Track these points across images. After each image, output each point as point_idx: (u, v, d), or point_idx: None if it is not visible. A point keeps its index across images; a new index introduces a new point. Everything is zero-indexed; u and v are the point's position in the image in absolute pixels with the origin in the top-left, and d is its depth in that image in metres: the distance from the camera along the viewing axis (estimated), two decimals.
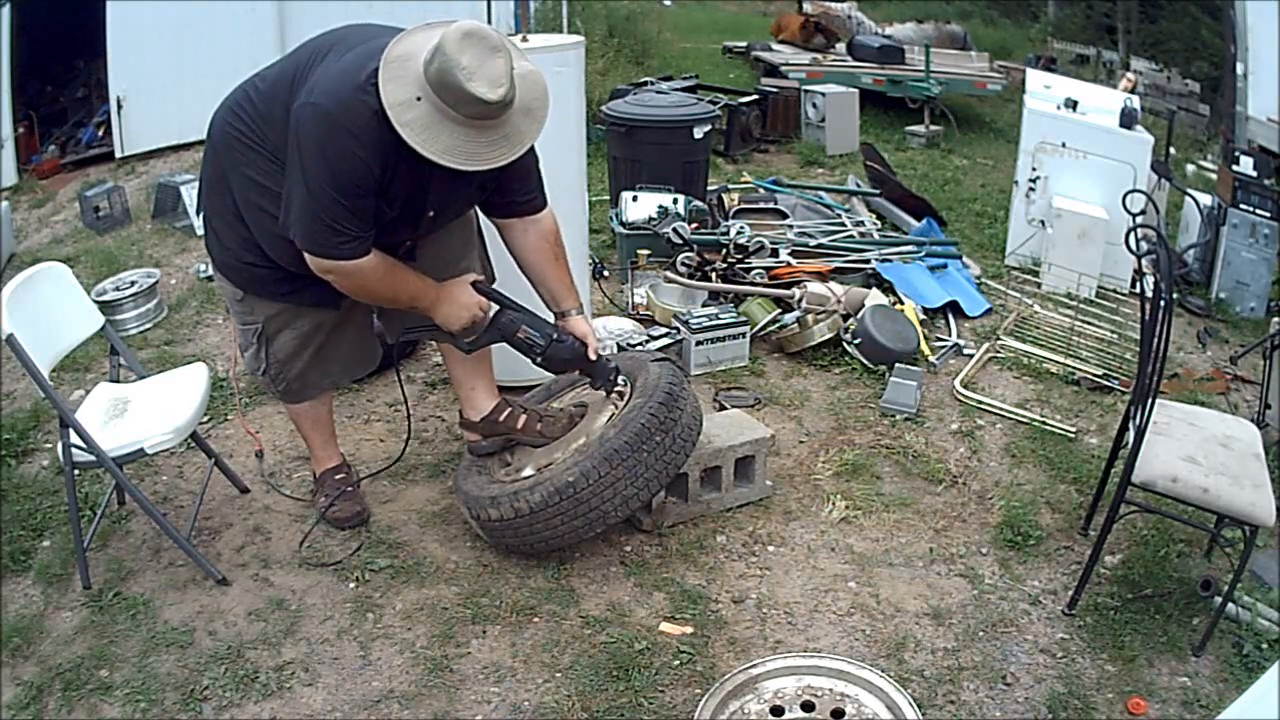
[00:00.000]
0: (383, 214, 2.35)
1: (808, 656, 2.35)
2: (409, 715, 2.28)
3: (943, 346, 4.11)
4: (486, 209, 2.70)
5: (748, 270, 4.35)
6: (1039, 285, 4.82)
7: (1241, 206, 4.78)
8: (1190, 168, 7.17)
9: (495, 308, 2.66)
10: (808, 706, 2.21)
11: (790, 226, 5.12)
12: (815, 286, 4.17)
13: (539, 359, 2.68)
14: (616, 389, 2.78)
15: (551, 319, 2.74)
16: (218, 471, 3.02)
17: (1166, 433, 2.60)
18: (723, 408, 3.51)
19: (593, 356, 2.70)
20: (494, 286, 2.93)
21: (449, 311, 2.58)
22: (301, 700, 2.32)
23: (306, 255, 2.35)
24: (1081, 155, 4.91)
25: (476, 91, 2.14)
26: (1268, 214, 4.72)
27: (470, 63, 2.13)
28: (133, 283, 4.36)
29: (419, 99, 2.18)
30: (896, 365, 3.75)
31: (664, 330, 4.00)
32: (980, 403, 3.70)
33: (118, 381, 2.93)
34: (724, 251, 4.37)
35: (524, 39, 3.35)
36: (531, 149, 2.41)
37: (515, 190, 2.61)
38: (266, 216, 2.43)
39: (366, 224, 2.32)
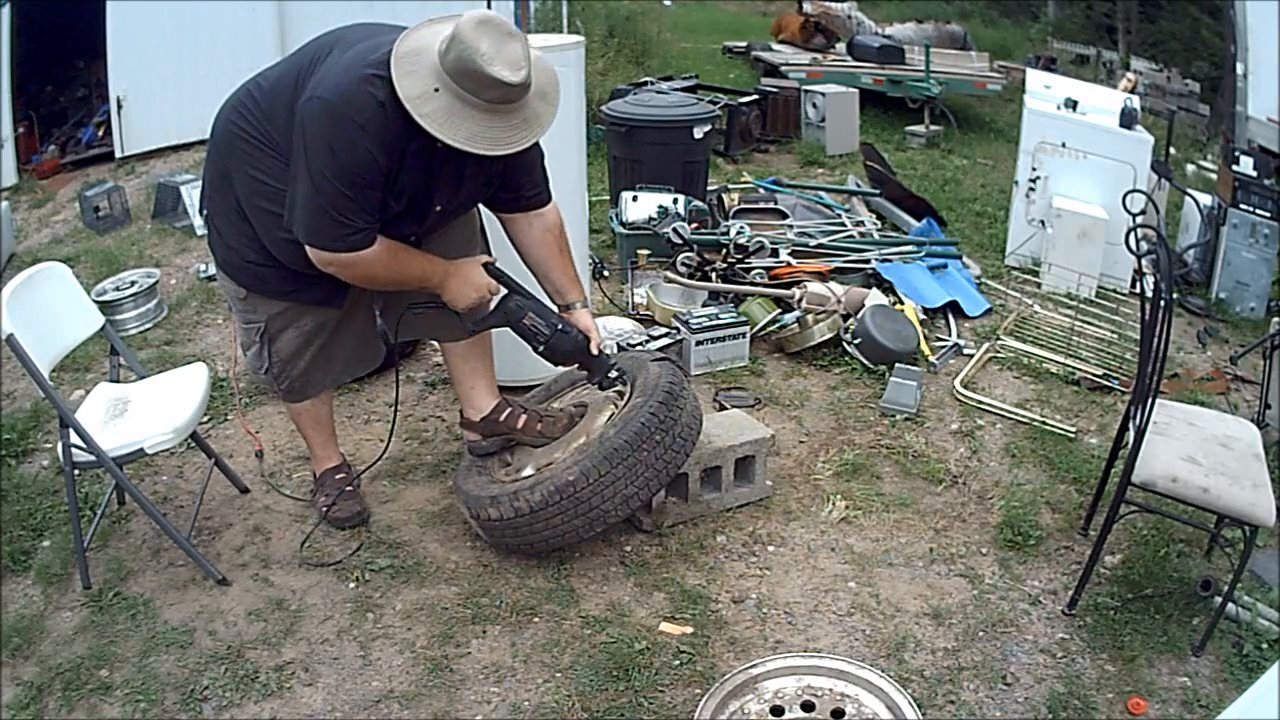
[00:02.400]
0: (388, 208, 2.35)
1: (808, 656, 2.35)
2: (409, 715, 2.28)
3: (943, 346, 4.11)
4: (492, 204, 2.70)
5: (748, 270, 4.35)
6: (1039, 285, 4.82)
7: (1241, 206, 4.78)
8: (1190, 168, 7.17)
9: (503, 291, 2.66)
10: (808, 706, 2.21)
11: (790, 226, 5.12)
12: (815, 286, 4.17)
13: (542, 348, 2.67)
14: (615, 387, 2.78)
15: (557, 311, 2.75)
16: (218, 471, 3.02)
17: (1166, 433, 2.60)
18: (723, 408, 3.51)
19: (594, 351, 2.71)
20: None
21: (458, 288, 2.57)
22: (301, 700, 2.32)
23: (307, 249, 2.35)
24: (1081, 155, 4.91)
25: (499, 75, 2.15)
26: (1268, 214, 4.72)
27: (489, 48, 2.15)
28: (133, 283, 4.36)
29: (437, 90, 2.19)
30: (896, 365, 3.74)
31: (664, 330, 4.00)
32: (980, 403, 3.70)
33: (118, 381, 2.93)
34: (724, 251, 4.37)
35: None
36: (537, 144, 2.42)
37: (522, 185, 2.61)
38: (270, 215, 2.43)
39: (372, 216, 2.33)
